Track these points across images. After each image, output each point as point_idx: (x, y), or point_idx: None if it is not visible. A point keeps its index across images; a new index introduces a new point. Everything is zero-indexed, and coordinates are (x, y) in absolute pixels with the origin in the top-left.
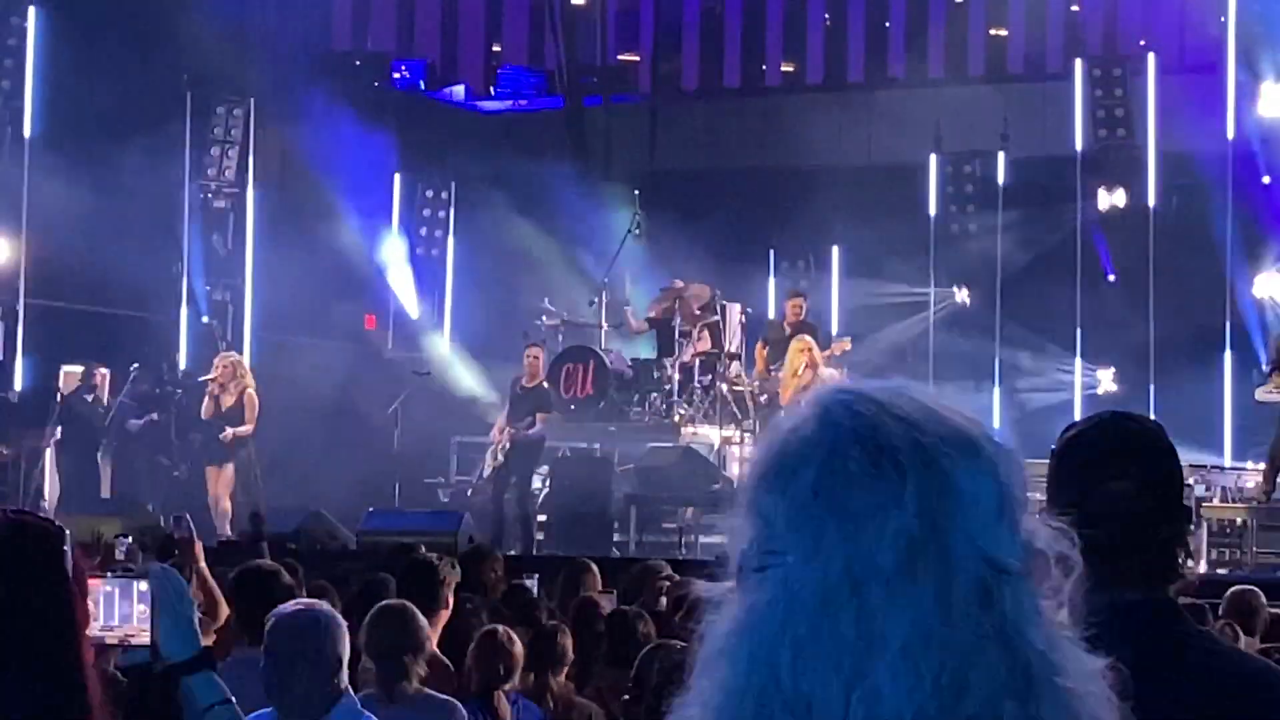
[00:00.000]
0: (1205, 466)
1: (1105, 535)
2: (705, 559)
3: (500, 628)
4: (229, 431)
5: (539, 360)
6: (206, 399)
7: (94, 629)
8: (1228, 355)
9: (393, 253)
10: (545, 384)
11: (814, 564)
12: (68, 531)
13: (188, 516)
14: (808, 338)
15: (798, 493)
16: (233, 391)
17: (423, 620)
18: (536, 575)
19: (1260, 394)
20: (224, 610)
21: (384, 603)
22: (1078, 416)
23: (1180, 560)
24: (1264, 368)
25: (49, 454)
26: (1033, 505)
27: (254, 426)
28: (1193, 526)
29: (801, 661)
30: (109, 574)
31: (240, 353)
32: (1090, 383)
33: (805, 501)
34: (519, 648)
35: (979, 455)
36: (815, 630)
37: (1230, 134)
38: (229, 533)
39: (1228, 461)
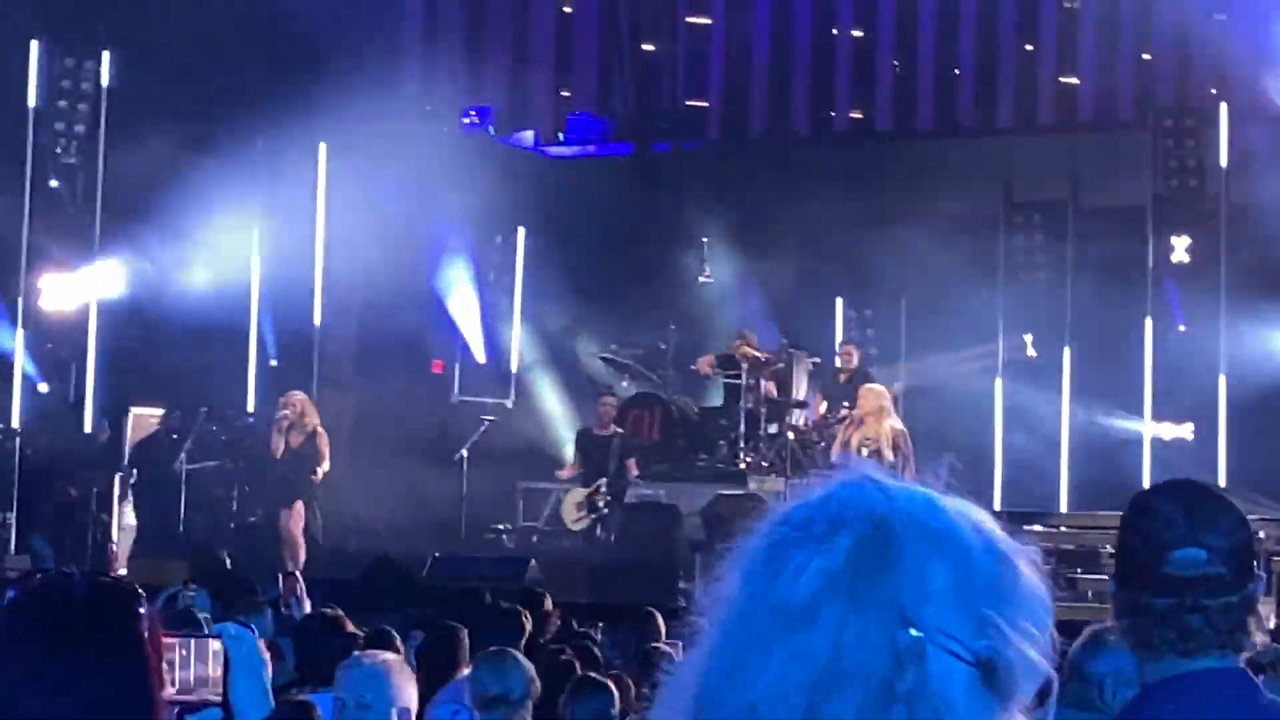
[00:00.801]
0: (1278, 520)
1: (1178, 603)
2: None
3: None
4: (320, 473)
5: (613, 408)
6: (276, 437)
7: (169, 692)
8: None
9: (462, 297)
10: (620, 430)
11: (741, 599)
12: (142, 593)
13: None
14: (880, 390)
15: (750, 546)
16: (301, 430)
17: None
18: (600, 624)
19: None
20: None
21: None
22: (1147, 468)
23: (1252, 628)
24: None
25: (117, 497)
26: (1025, 621)
27: (327, 465)
28: (1267, 593)
29: (721, 689)
30: (183, 634)
31: (311, 393)
32: (1161, 434)
33: (755, 552)
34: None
35: (947, 538)
36: (729, 661)
37: None
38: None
39: None
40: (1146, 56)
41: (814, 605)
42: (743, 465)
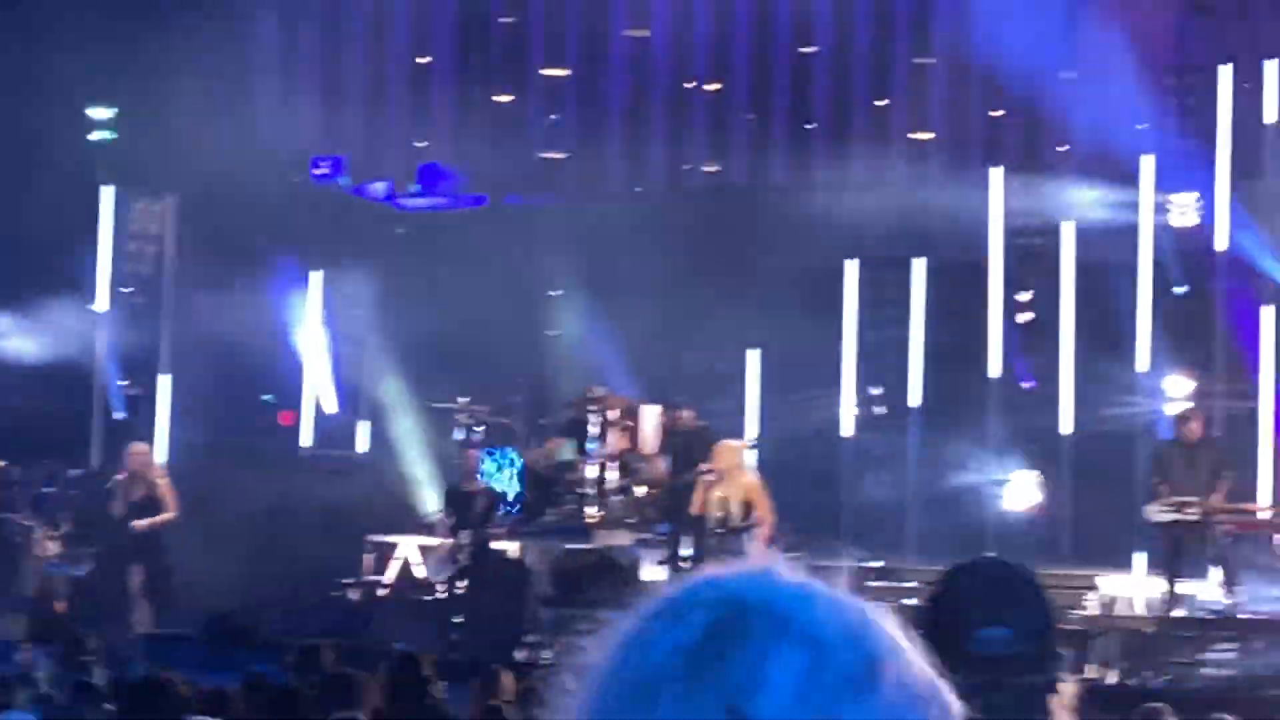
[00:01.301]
0: (1114, 575)
1: (982, 682)
2: None
3: None
4: (148, 521)
5: (470, 461)
6: (118, 491)
7: None
8: (1140, 464)
9: (312, 349)
10: (483, 486)
11: (598, 673)
12: None
13: None
14: (736, 446)
15: (620, 622)
16: (144, 483)
17: None
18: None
19: (1151, 511)
20: None
21: None
22: (990, 523)
23: (1054, 707)
24: (1152, 483)
25: None
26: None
27: (175, 510)
28: (1065, 675)
29: None
30: None
31: (153, 448)
32: (1006, 490)
33: (621, 626)
34: None
35: (804, 627)
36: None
37: (1148, 242)
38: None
39: (1137, 572)
40: (996, 113)
41: (657, 683)
42: (591, 520)
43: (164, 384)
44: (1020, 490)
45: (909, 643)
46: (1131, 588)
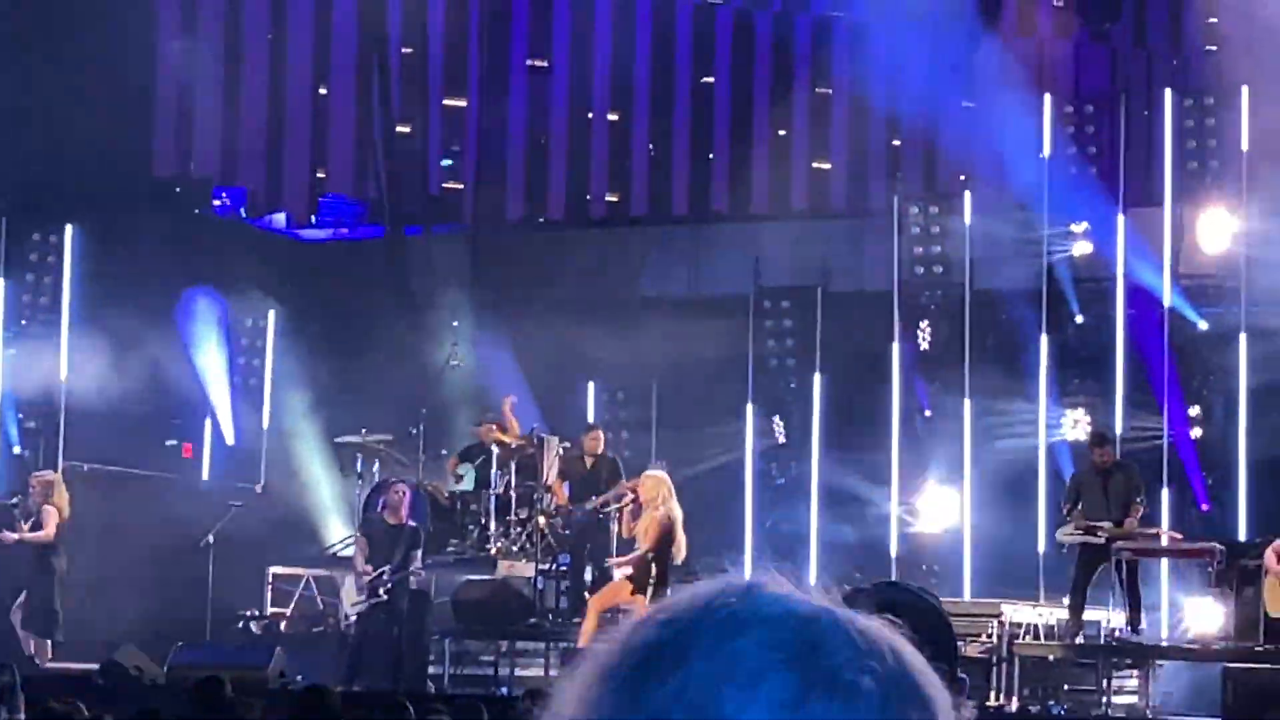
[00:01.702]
0: (1016, 603)
1: None
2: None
3: None
4: (9, 535)
5: (400, 496)
6: (22, 526)
7: None
8: (1041, 493)
9: (211, 380)
10: (412, 523)
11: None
12: None
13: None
14: (662, 478)
15: (605, 666)
16: (36, 511)
17: None
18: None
19: (1061, 534)
20: None
21: None
22: (893, 551)
23: None
24: (1064, 508)
25: None
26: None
27: (51, 534)
28: (966, 699)
29: None
30: None
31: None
32: (907, 518)
33: (608, 676)
34: None
35: (802, 647)
36: None
37: (1044, 272)
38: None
39: (1040, 599)
40: (896, 143)
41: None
42: (493, 550)
43: (62, 417)
44: (924, 517)
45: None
46: (1035, 615)
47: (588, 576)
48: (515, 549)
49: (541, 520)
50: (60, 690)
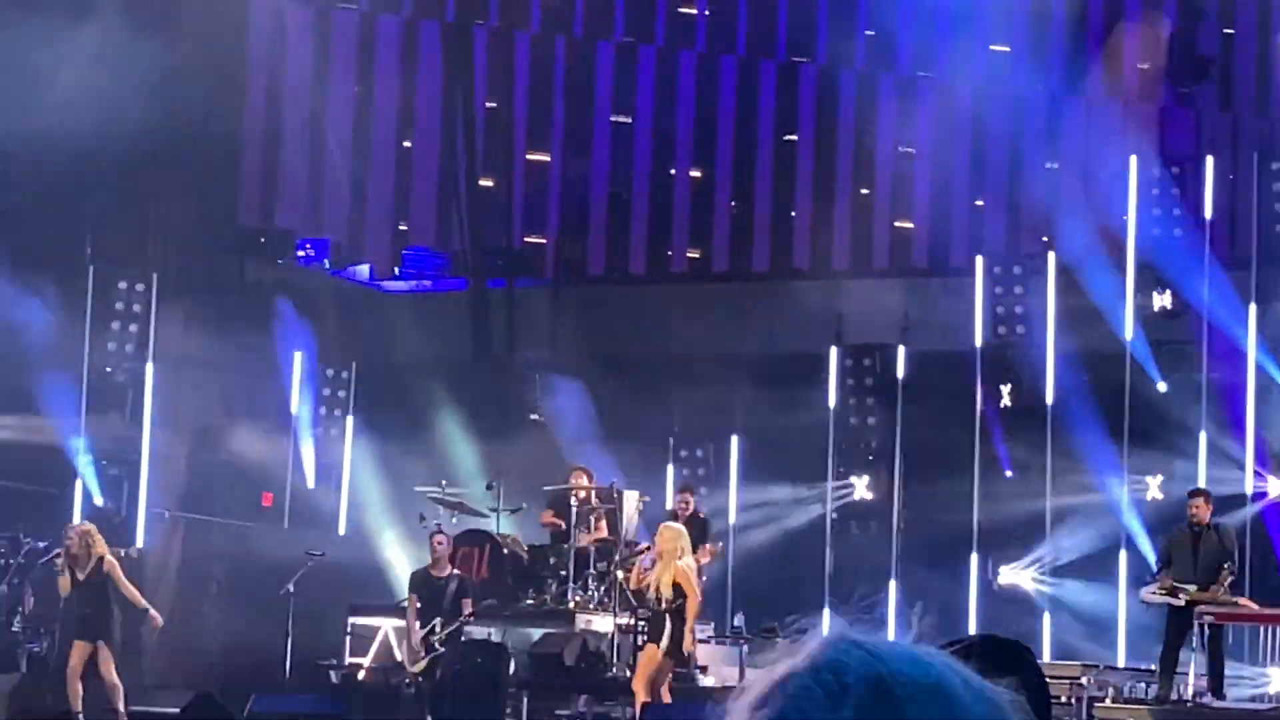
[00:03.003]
0: (1099, 666)
1: None
2: None
3: None
4: (156, 616)
5: (442, 547)
6: (63, 577)
7: None
8: (1123, 555)
9: (292, 430)
10: (457, 571)
11: None
12: None
13: None
14: (678, 530)
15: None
16: (86, 562)
17: None
18: None
19: (1145, 594)
20: None
21: None
22: (973, 610)
23: None
24: (1154, 568)
25: None
26: None
27: (134, 589)
28: None
29: None
30: None
31: (135, 529)
32: (988, 579)
33: None
34: None
35: (943, 697)
36: None
37: (1128, 335)
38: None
39: (1121, 662)
40: (979, 203)
41: None
42: (571, 604)
43: (144, 464)
44: (1005, 576)
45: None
46: (1117, 677)
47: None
48: (594, 603)
49: (620, 574)
50: None
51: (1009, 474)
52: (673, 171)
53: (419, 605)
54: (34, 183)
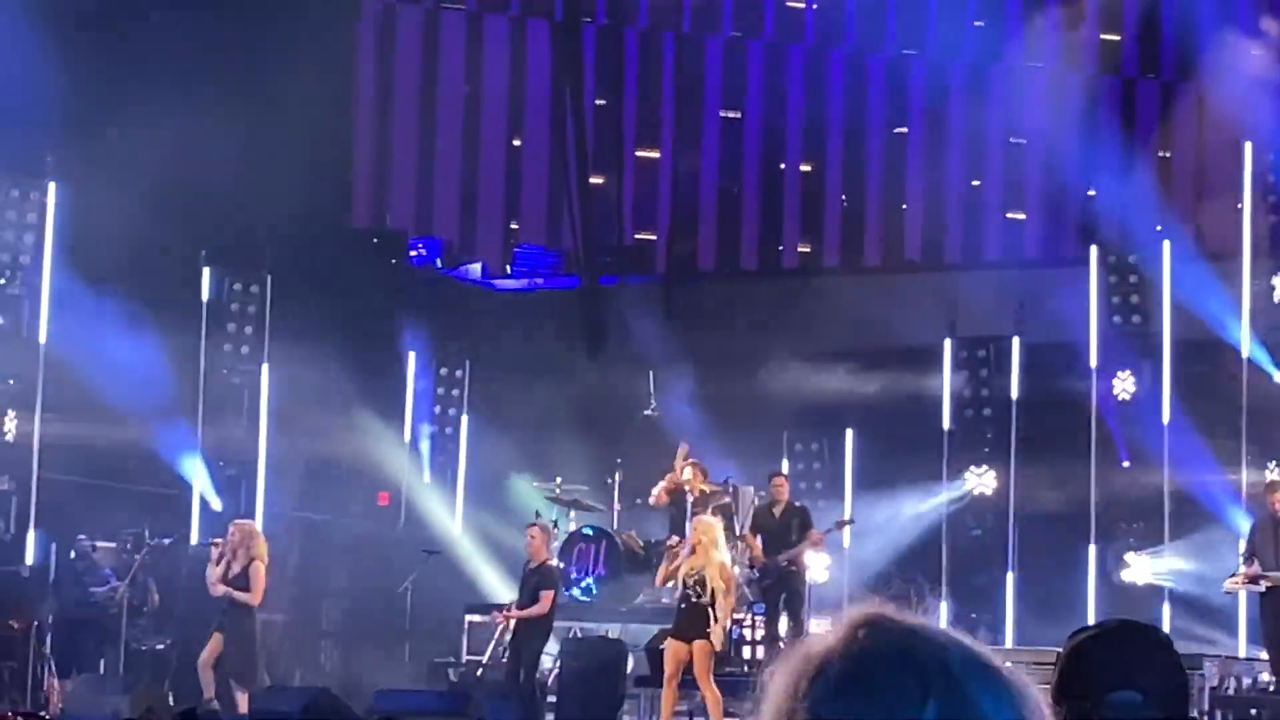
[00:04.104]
0: (1220, 656)
1: None
2: None
3: None
4: (221, 587)
5: (537, 539)
6: (211, 567)
7: None
8: (1241, 544)
9: (408, 430)
10: (550, 562)
11: None
12: None
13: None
14: (713, 523)
15: (821, 704)
16: (241, 559)
17: None
18: None
19: (1227, 584)
20: None
21: None
22: (1091, 600)
23: None
24: (1241, 557)
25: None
26: None
27: (258, 599)
28: None
29: None
30: None
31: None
32: (1105, 569)
33: (828, 714)
34: None
35: (1000, 685)
36: None
37: (1245, 324)
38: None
39: (1242, 651)
40: (1092, 192)
41: None
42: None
43: (261, 466)
44: (1137, 570)
45: None
46: (1237, 667)
47: (782, 626)
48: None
49: (736, 570)
50: None
51: (1126, 464)
52: (782, 166)
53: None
54: (149, 189)
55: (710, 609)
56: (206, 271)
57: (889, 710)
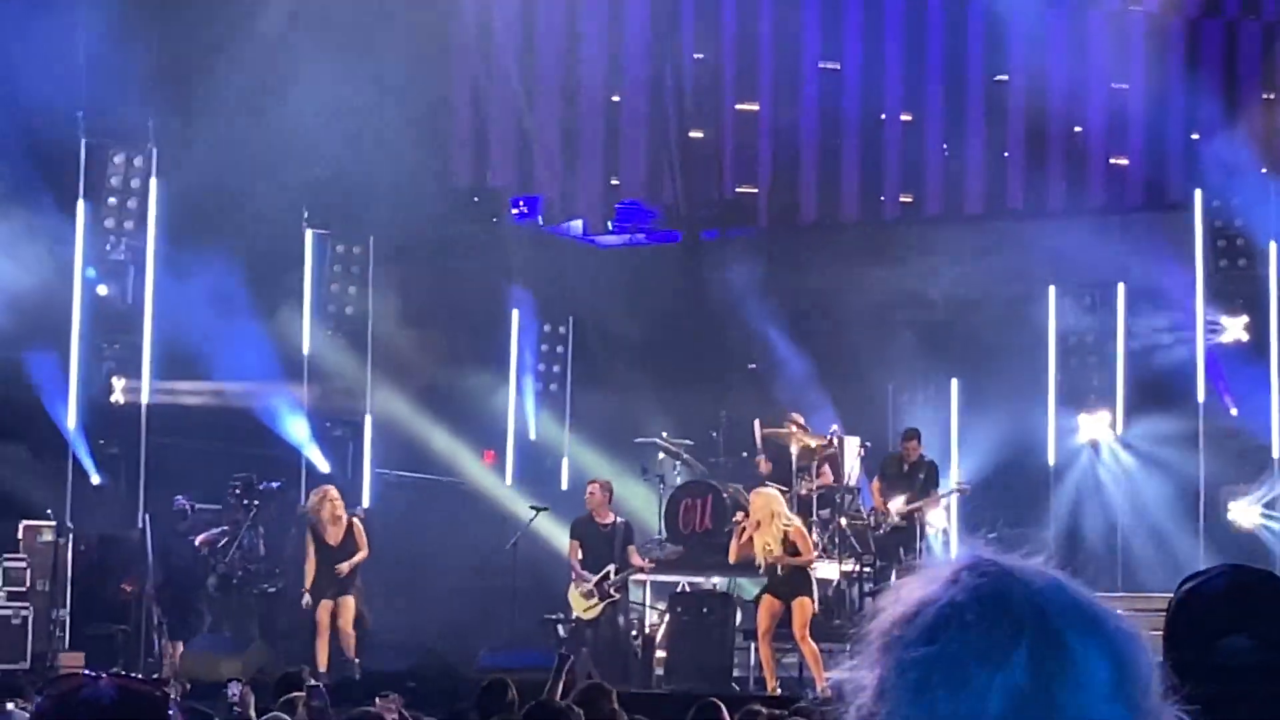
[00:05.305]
0: None
1: (1222, 690)
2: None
3: None
4: (346, 565)
5: (597, 495)
6: (327, 527)
7: None
8: None
9: (512, 388)
10: (619, 519)
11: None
12: (173, 693)
13: (321, 687)
14: (771, 494)
15: (912, 647)
16: (339, 522)
17: None
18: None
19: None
20: None
21: None
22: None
23: None
24: None
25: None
26: (1157, 689)
27: (367, 553)
28: None
29: None
30: None
31: (361, 490)
32: (1214, 518)
33: (919, 656)
34: None
35: (1101, 633)
36: None
37: None
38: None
39: None
40: (1195, 136)
41: None
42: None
43: (368, 426)
44: (1246, 516)
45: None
46: None
47: (894, 579)
48: (819, 550)
49: (844, 521)
50: (373, 692)
51: (1234, 411)
52: (883, 116)
53: (580, 553)
54: (251, 153)
55: (803, 570)
56: (309, 234)
57: (979, 654)
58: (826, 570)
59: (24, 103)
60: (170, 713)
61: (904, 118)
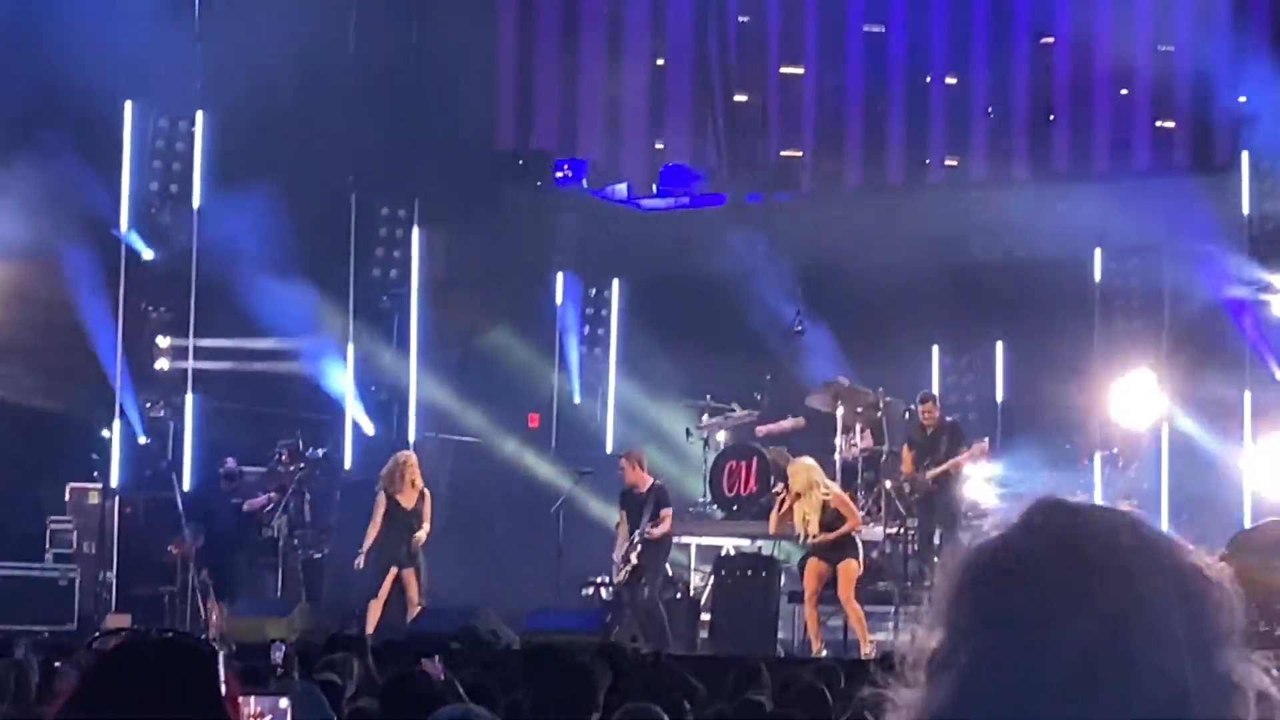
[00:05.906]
0: None
1: None
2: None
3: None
4: (421, 535)
5: (626, 469)
6: (391, 497)
7: None
8: None
9: (557, 351)
10: (658, 483)
11: (991, 668)
12: (220, 651)
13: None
14: (809, 464)
15: (984, 596)
16: (412, 490)
17: None
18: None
19: None
20: None
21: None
22: (1249, 508)
23: None
24: None
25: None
26: (1236, 638)
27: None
28: None
29: None
30: (254, 691)
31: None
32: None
33: (990, 605)
34: None
35: (1179, 580)
36: None
37: None
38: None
39: None
40: (1242, 99)
41: (1090, 677)
42: None
43: (412, 390)
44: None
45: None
46: None
47: (936, 540)
48: (862, 513)
49: (888, 484)
50: (418, 654)
51: (1279, 376)
52: (928, 79)
53: (619, 521)
54: (296, 116)
55: (849, 536)
56: (354, 197)
57: (1046, 599)
58: (871, 533)
59: (69, 75)
60: (219, 669)
61: (949, 80)
